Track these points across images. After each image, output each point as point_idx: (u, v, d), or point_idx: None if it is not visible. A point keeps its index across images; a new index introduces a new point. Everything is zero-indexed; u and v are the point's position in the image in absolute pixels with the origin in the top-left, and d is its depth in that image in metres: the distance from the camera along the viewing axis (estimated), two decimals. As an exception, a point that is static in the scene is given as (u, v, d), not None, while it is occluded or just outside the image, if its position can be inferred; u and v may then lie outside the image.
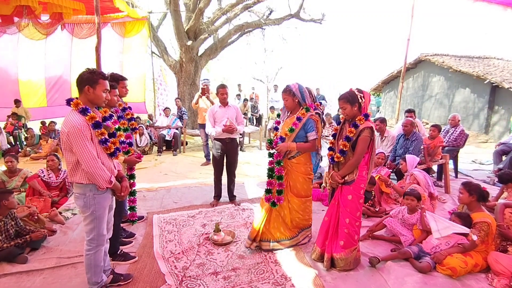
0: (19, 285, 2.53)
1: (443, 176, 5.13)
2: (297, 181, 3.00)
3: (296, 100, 2.97)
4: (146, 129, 8.13)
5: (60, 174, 4.29)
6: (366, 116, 2.58)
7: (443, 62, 11.14)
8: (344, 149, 2.61)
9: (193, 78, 10.29)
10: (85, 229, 2.18)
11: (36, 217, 3.36)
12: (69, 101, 2.03)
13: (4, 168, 4.42)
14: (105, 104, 2.21)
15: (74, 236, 3.35)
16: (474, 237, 2.69)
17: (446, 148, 5.50)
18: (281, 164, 2.97)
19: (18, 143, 8.03)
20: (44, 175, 4.16)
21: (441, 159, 5.06)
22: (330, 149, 2.83)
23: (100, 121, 2.08)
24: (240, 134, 8.86)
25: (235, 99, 12.43)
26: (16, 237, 3.00)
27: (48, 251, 3.04)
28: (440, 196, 4.54)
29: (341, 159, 2.65)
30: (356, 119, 2.58)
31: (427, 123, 10.98)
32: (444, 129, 5.87)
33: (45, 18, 6.29)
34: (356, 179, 2.60)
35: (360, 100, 2.58)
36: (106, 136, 2.13)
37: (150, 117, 9.86)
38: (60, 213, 3.81)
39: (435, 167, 5.45)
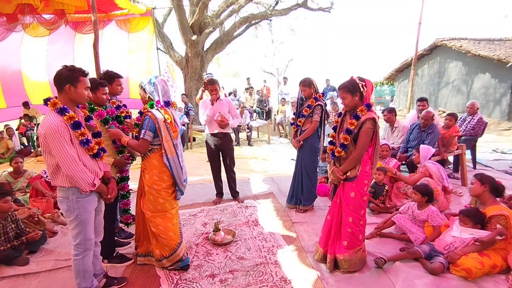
0: (15, 288, 2.49)
1: (459, 167, 4.82)
2: None
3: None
4: None
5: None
6: (369, 107, 2.37)
7: (460, 46, 10.56)
8: (345, 142, 2.42)
9: (200, 73, 10.19)
10: (71, 233, 2.09)
11: (36, 219, 3.35)
12: (46, 101, 1.92)
13: (10, 169, 4.46)
14: (86, 102, 2.10)
15: (74, 237, 3.31)
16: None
17: (463, 137, 5.16)
18: None
19: (30, 143, 8.18)
20: (47, 176, 4.16)
21: (457, 149, 4.75)
22: (330, 142, 2.64)
23: (79, 121, 1.97)
24: (248, 128, 8.74)
25: (244, 92, 12.25)
26: (15, 239, 2.97)
27: (47, 253, 3.01)
28: (456, 189, 4.27)
29: (342, 153, 2.45)
30: (358, 110, 2.38)
31: (444, 112, 10.47)
32: (461, 118, 5.51)
33: (47, 16, 6.27)
34: (359, 174, 2.40)
35: (361, 89, 2.37)
36: (88, 137, 2.02)
37: None
38: (62, 214, 3.80)
39: (451, 158, 5.13)
